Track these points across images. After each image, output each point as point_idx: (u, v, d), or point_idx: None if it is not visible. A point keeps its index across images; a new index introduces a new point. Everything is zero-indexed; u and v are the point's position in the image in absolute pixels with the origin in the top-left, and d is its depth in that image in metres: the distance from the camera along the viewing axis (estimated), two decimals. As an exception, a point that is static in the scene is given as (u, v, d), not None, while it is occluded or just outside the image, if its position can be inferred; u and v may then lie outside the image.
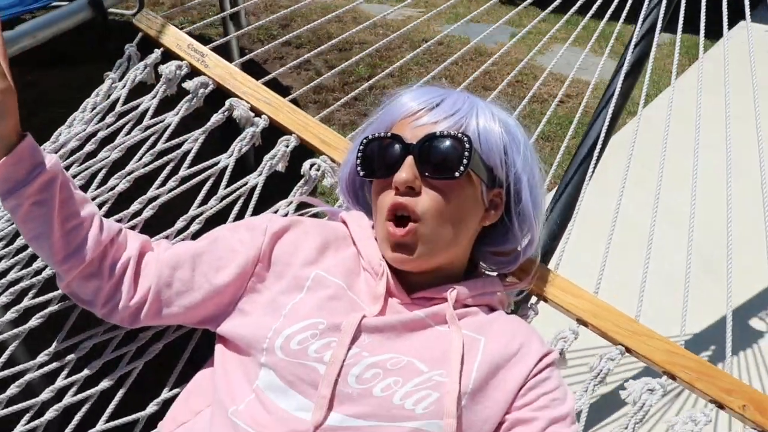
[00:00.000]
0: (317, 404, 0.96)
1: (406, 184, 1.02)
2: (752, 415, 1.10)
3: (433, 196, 1.03)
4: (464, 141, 1.04)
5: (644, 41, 1.65)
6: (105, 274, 1.08)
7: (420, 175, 1.03)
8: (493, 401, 1.01)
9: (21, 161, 1.01)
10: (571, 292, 1.24)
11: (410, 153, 1.04)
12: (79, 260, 1.06)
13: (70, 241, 1.06)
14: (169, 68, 1.47)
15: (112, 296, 1.09)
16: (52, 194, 1.04)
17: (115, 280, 1.09)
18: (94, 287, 1.09)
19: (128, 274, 1.09)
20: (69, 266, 1.07)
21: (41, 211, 1.03)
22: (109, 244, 1.10)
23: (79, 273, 1.07)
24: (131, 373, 1.19)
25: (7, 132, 1.00)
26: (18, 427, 1.11)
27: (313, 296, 1.04)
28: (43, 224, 1.04)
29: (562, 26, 1.84)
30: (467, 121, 1.07)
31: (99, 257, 1.08)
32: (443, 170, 1.03)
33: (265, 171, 1.39)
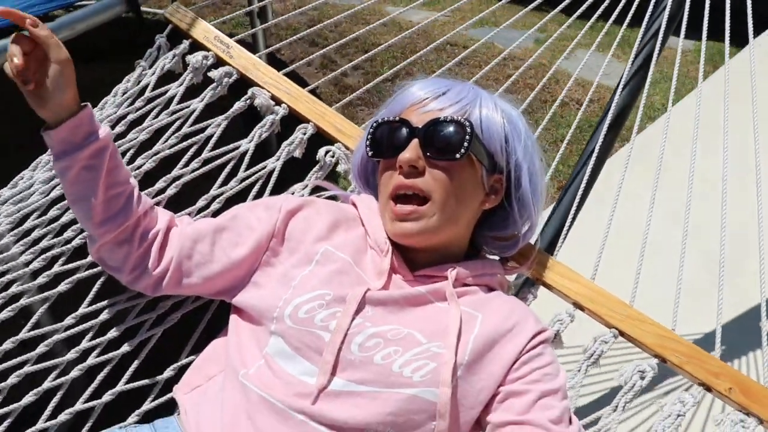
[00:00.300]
0: (321, 369, 1.03)
1: (410, 163, 1.09)
2: (737, 397, 1.15)
3: (436, 175, 1.10)
4: (466, 126, 1.10)
5: (648, 46, 1.70)
6: (135, 241, 1.17)
7: (423, 156, 1.10)
8: (487, 374, 1.07)
9: (80, 126, 1.11)
10: (568, 277, 1.29)
11: (416, 136, 1.11)
12: (116, 225, 1.15)
13: (111, 206, 1.14)
14: (196, 58, 1.55)
15: (138, 264, 1.17)
16: (101, 161, 1.13)
17: (144, 248, 1.17)
18: (124, 253, 1.17)
19: (156, 245, 1.17)
20: (105, 230, 1.15)
21: (89, 175, 1.12)
22: (143, 215, 1.18)
23: (113, 238, 1.16)
24: (150, 340, 1.27)
25: (68, 100, 1.10)
26: (45, 383, 1.19)
27: (321, 269, 1.11)
28: (89, 188, 1.13)
29: (584, 32, 1.88)
30: (471, 109, 1.14)
31: (133, 225, 1.16)
32: (445, 152, 1.10)
33: (283, 156, 1.47)
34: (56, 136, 1.10)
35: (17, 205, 1.34)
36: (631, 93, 1.67)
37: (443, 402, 1.02)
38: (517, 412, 1.04)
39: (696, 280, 2.01)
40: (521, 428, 1.02)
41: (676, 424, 1.15)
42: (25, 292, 1.24)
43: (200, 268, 1.18)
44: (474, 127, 1.11)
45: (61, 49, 1.08)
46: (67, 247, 1.29)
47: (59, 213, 1.33)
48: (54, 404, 1.20)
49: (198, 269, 1.18)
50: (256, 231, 1.17)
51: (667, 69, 4.14)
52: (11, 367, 1.19)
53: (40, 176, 1.39)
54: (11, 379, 1.17)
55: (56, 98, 1.08)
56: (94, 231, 1.17)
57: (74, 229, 1.30)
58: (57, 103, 1.09)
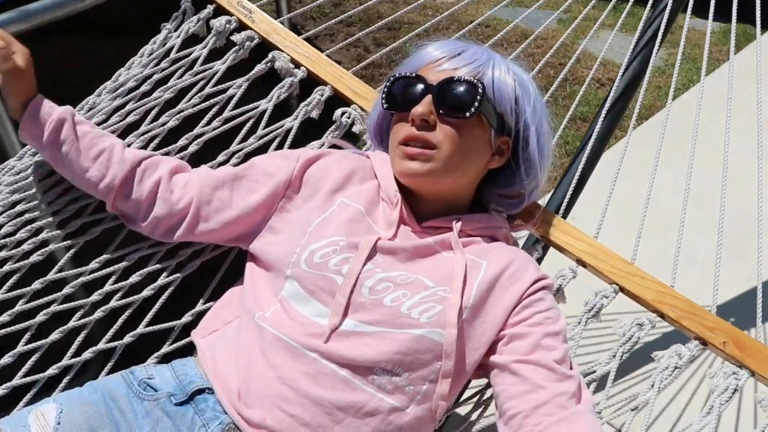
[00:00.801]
0: (334, 311, 1.08)
1: (422, 117, 1.14)
2: (731, 351, 1.19)
3: (446, 130, 1.15)
4: (478, 86, 1.15)
5: (655, 22, 1.73)
6: (140, 192, 1.24)
7: (436, 112, 1.15)
8: (490, 316, 1.12)
9: (34, 118, 1.23)
10: (572, 234, 1.34)
11: (430, 92, 1.16)
12: (112, 182, 1.23)
13: (100, 168, 1.24)
14: (220, 22, 1.61)
15: (149, 211, 1.24)
16: (67, 133, 1.23)
17: (149, 197, 1.24)
18: (134, 205, 1.25)
19: (161, 191, 1.24)
20: (106, 190, 1.24)
21: (65, 150, 1.23)
22: (136, 165, 1.25)
23: (117, 194, 1.24)
24: (170, 285, 1.33)
25: (16, 106, 1.24)
26: (71, 322, 1.25)
27: (336, 217, 1.17)
28: (72, 161, 1.24)
29: (605, 12, 1.90)
30: (484, 70, 1.19)
31: (129, 178, 1.24)
32: (456, 110, 1.15)
33: (300, 116, 1.52)
34: (24, 135, 1.26)
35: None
36: (640, 65, 1.71)
37: (449, 342, 1.07)
38: (521, 352, 1.09)
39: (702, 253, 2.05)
40: (525, 366, 1.07)
41: (674, 376, 1.19)
42: (52, 239, 1.31)
43: (218, 214, 1.24)
44: (486, 89, 1.16)
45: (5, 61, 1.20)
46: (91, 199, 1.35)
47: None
48: (78, 343, 1.26)
49: (216, 214, 1.24)
50: (273, 177, 1.23)
51: (690, 50, 4.13)
52: (39, 306, 1.25)
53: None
54: (39, 317, 1.24)
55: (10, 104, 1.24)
56: (98, 196, 1.27)
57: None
58: (11, 109, 1.25)
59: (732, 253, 2.13)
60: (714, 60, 4.03)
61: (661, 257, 1.40)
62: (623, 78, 1.70)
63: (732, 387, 1.17)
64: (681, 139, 2.30)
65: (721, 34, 4.31)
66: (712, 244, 1.37)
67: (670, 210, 1.51)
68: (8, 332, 1.22)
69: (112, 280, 1.30)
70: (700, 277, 1.70)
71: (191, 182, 1.25)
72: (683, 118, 2.18)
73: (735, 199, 1.56)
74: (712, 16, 1.78)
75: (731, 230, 1.57)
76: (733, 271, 2.10)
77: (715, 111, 1.73)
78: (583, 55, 4.00)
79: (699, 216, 2.00)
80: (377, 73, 3.80)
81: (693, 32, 4.27)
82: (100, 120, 1.44)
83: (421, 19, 4.58)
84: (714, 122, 1.76)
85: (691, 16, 1.79)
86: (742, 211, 1.80)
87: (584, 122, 3.50)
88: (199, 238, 1.27)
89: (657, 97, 3.75)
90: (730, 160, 1.49)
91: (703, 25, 1.77)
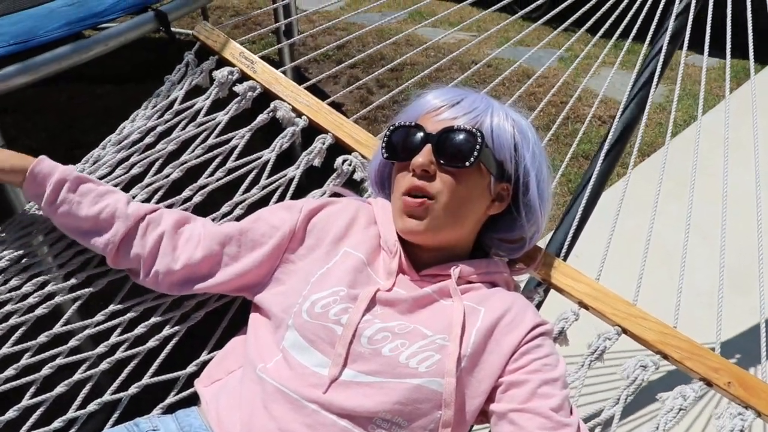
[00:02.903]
0: (333, 362, 1.09)
1: (422, 167, 1.16)
2: (736, 391, 1.19)
3: (446, 180, 1.17)
4: (477, 135, 1.17)
5: (652, 62, 1.76)
6: (142, 247, 1.26)
7: (436, 162, 1.17)
8: (488, 364, 1.12)
9: (35, 180, 1.27)
10: (573, 277, 1.34)
11: (429, 142, 1.18)
12: (113, 239, 1.26)
13: (101, 225, 1.27)
14: (222, 73, 1.64)
15: (151, 266, 1.26)
16: (66, 194, 1.27)
17: (152, 250, 1.26)
18: (136, 260, 1.27)
19: (164, 246, 1.26)
20: (108, 246, 1.27)
21: (65, 210, 1.27)
22: (139, 220, 1.27)
23: (118, 250, 1.27)
24: (174, 336, 1.34)
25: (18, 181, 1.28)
26: (76, 375, 1.26)
27: (339, 267, 1.18)
28: (74, 218, 1.27)
29: (605, 50, 1.93)
30: (482, 118, 1.21)
31: (132, 234, 1.27)
32: (456, 159, 1.16)
33: (303, 165, 1.54)
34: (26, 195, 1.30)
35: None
36: (637, 107, 1.73)
37: (448, 391, 1.07)
38: (518, 401, 1.08)
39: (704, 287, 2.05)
40: (522, 415, 1.07)
41: (678, 418, 1.19)
42: (58, 292, 1.32)
43: (225, 269, 1.25)
44: (485, 137, 1.18)
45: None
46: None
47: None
48: (84, 395, 1.27)
49: (222, 270, 1.25)
50: (278, 230, 1.25)
51: (690, 86, 4.17)
52: (45, 359, 1.26)
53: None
54: (45, 370, 1.25)
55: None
56: (101, 251, 1.29)
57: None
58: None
59: (735, 288, 2.13)
60: (714, 96, 4.06)
61: (665, 291, 1.40)
62: (621, 118, 1.72)
63: (738, 428, 1.16)
64: (682, 174, 2.31)
65: (720, 70, 4.35)
66: (715, 276, 1.37)
67: (673, 245, 1.52)
68: (14, 386, 1.23)
69: (118, 331, 1.32)
70: (703, 310, 1.70)
71: (194, 238, 1.27)
72: (684, 154, 2.19)
73: (736, 233, 1.56)
74: (707, 52, 1.81)
75: (733, 265, 1.58)
76: (736, 306, 2.10)
77: (715, 147, 1.75)
78: (585, 93, 4.04)
79: (701, 251, 2.00)
80: (380, 114, 3.85)
81: (693, 68, 4.32)
82: (104, 173, 1.46)
83: (423, 60, 4.64)
84: (715, 157, 1.77)
85: (691, 53, 1.82)
86: (744, 245, 1.81)
87: (586, 160, 3.52)
88: (205, 289, 1.28)
89: (659, 133, 3.78)
90: (731, 194, 1.50)
91: (703, 61, 1.78)
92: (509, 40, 2.06)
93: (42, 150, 1.34)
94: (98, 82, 4.14)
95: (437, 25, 5.14)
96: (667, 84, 4.17)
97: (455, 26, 2.27)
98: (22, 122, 4.03)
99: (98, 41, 1.76)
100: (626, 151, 1.83)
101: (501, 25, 2.14)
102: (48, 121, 4.03)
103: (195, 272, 1.26)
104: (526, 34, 2.11)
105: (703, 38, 1.82)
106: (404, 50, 4.62)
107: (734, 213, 1.50)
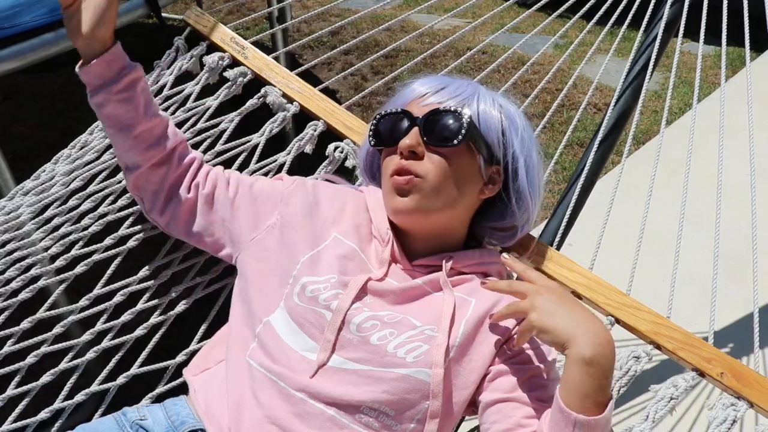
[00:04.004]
0: (322, 347, 1.08)
1: (410, 148, 1.14)
2: (729, 382, 1.17)
3: (435, 159, 1.15)
4: (464, 115, 1.15)
5: (647, 50, 1.74)
6: (174, 163, 1.27)
7: (423, 144, 1.15)
8: (478, 354, 1.11)
9: (113, 61, 1.20)
10: (566, 266, 1.33)
11: (416, 125, 1.16)
12: (159, 150, 1.25)
13: (153, 134, 1.25)
14: (213, 59, 1.62)
15: (175, 186, 1.27)
16: (135, 93, 1.22)
17: (181, 170, 1.28)
18: (162, 175, 1.26)
19: (192, 170, 1.29)
20: (150, 155, 1.25)
21: (126, 107, 1.22)
22: (180, 142, 1.29)
23: (155, 162, 1.25)
24: (163, 325, 1.33)
25: (104, 35, 1.19)
26: (62, 364, 1.25)
27: (329, 252, 1.17)
28: (129, 118, 1.22)
29: (600, 37, 1.92)
30: (469, 103, 1.19)
31: (171, 150, 1.27)
32: (443, 139, 1.15)
33: (293, 151, 1.52)
34: (92, 70, 1.19)
35: (39, 195, 1.41)
36: (632, 95, 1.71)
37: (436, 382, 1.06)
38: (504, 390, 1.07)
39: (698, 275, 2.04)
40: (507, 404, 1.06)
41: (669, 407, 1.17)
42: (43, 275, 1.31)
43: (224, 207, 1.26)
44: (471, 117, 1.16)
45: None
46: (84, 233, 1.35)
47: (78, 202, 1.40)
48: (71, 385, 1.25)
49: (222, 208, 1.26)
50: (273, 190, 1.26)
51: (686, 74, 4.15)
52: (29, 346, 1.25)
53: (62, 169, 1.46)
54: (29, 358, 1.23)
55: (95, 31, 1.17)
56: (138, 157, 1.25)
57: (91, 217, 1.37)
58: (94, 36, 1.17)
59: (729, 276, 2.13)
60: (710, 84, 4.05)
61: (658, 279, 1.39)
62: (616, 106, 1.70)
63: (731, 418, 1.15)
64: (677, 162, 2.30)
65: (716, 58, 4.33)
66: (709, 264, 1.36)
67: (667, 232, 1.51)
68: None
69: (104, 319, 1.30)
70: (697, 298, 1.68)
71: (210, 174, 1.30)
72: (680, 142, 2.18)
73: (730, 222, 1.55)
74: (702, 39, 1.79)
75: (728, 254, 1.57)
76: (730, 294, 2.09)
77: (710, 134, 1.74)
78: (580, 80, 4.02)
79: (696, 237, 1.99)
80: (374, 100, 3.82)
81: (689, 56, 4.30)
82: (92, 158, 1.44)
83: (418, 46, 4.61)
84: (709, 145, 1.75)
85: (686, 40, 1.80)
86: (739, 234, 1.80)
87: (581, 147, 3.50)
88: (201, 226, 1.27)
89: (654, 121, 3.76)
90: (726, 182, 1.49)
91: (699, 48, 1.77)
92: (504, 26, 2.03)
93: (35, 136, 1.31)
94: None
95: (432, 11, 5.10)
96: (662, 71, 4.15)
97: (450, 12, 2.24)
98: (15, 109, 4.00)
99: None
100: (621, 139, 1.82)
101: (496, 11, 2.12)
102: (41, 108, 4.01)
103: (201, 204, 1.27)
104: (521, 20, 2.09)
105: (699, 25, 1.80)
106: (399, 36, 4.59)
107: (729, 201, 1.49)
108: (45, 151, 1.67)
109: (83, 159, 1.44)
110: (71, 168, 1.44)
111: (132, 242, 1.36)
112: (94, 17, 1.16)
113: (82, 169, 1.44)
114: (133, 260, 1.39)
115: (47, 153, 1.58)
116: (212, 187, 1.27)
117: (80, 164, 1.45)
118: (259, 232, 1.24)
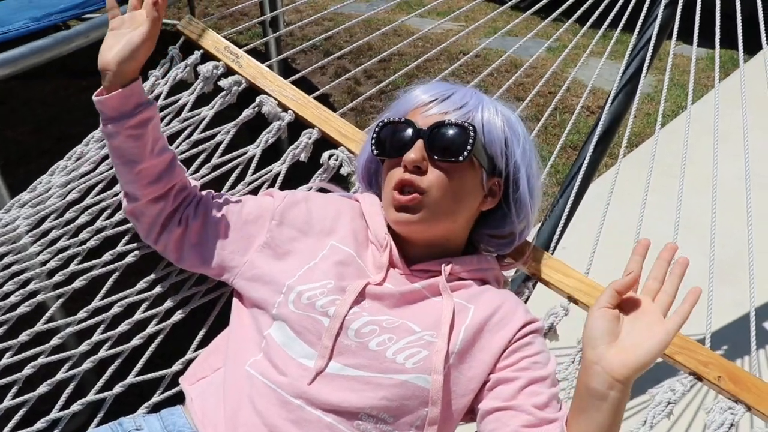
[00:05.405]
0: (320, 353, 1.08)
1: (415, 163, 1.14)
2: (726, 385, 1.18)
3: (438, 175, 1.15)
4: (469, 130, 1.15)
5: (641, 53, 1.75)
6: (170, 199, 1.26)
7: (428, 157, 1.15)
8: (478, 361, 1.11)
9: (131, 96, 1.20)
10: (562, 271, 1.33)
11: (421, 137, 1.16)
12: (160, 186, 1.24)
13: (155, 171, 1.24)
14: (207, 68, 1.62)
15: (168, 220, 1.26)
16: (146, 131, 1.21)
17: (176, 206, 1.27)
18: (158, 209, 1.26)
19: (187, 205, 1.28)
20: (150, 190, 1.24)
21: (134, 143, 1.21)
22: (180, 178, 1.28)
23: (153, 198, 1.25)
24: (159, 334, 1.32)
25: (130, 70, 1.19)
26: (58, 374, 1.25)
27: (326, 260, 1.17)
28: (135, 154, 1.22)
29: (594, 40, 1.92)
30: (473, 113, 1.19)
31: (171, 187, 1.26)
32: (449, 154, 1.15)
33: (288, 160, 1.53)
34: (109, 102, 1.19)
35: (35, 208, 1.40)
36: (626, 98, 1.72)
37: (435, 389, 1.06)
38: (504, 398, 1.07)
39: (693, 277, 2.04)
40: (506, 413, 1.06)
41: (667, 411, 1.18)
42: (41, 290, 1.31)
43: (215, 236, 1.26)
44: (477, 131, 1.16)
45: (156, 28, 1.18)
46: (82, 247, 1.35)
47: (75, 215, 1.39)
48: (67, 395, 1.25)
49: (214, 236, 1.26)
50: (263, 210, 1.25)
51: (679, 76, 4.16)
52: (26, 358, 1.25)
53: (58, 180, 1.46)
54: (26, 369, 1.23)
55: (121, 65, 1.17)
56: (140, 191, 1.25)
57: (89, 231, 1.37)
58: (120, 68, 1.17)
59: (724, 279, 2.12)
60: (702, 86, 4.06)
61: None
62: (610, 109, 1.71)
63: (728, 422, 1.16)
64: (670, 165, 2.31)
65: (709, 60, 4.34)
66: (704, 267, 1.36)
67: (661, 236, 1.51)
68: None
69: (101, 330, 1.30)
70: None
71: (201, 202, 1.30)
72: (673, 145, 2.19)
73: (725, 224, 1.55)
74: (696, 42, 1.80)
75: (723, 256, 1.57)
76: (726, 297, 2.09)
77: (703, 137, 1.74)
78: (573, 84, 4.03)
79: (690, 240, 2.00)
80: (368, 105, 3.83)
81: (682, 58, 4.31)
82: (88, 169, 1.44)
83: (411, 51, 4.61)
84: (704, 148, 1.76)
85: (680, 43, 1.81)
86: (733, 237, 1.80)
87: (575, 150, 3.51)
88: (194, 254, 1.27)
89: (647, 124, 3.77)
90: (720, 185, 1.49)
91: (692, 51, 1.78)
92: (498, 30, 2.04)
93: (27, 142, 1.31)
94: (84, 75, 4.12)
95: (425, 16, 5.11)
96: (655, 74, 4.16)
97: (444, 17, 2.25)
98: (8, 114, 4.00)
99: (79, 33, 1.74)
100: (615, 142, 1.82)
101: (489, 15, 2.12)
102: (34, 114, 4.01)
103: (191, 233, 1.26)
104: (515, 24, 2.09)
105: (692, 28, 1.81)
106: (392, 41, 4.60)
107: (723, 203, 1.49)
108: (37, 156, 1.68)
109: (79, 171, 1.44)
110: (67, 180, 1.44)
111: (130, 258, 1.37)
112: (125, 49, 1.17)
113: (78, 181, 1.44)
114: (131, 272, 1.39)
115: (39, 159, 1.57)
116: (203, 217, 1.27)
117: (76, 176, 1.45)
118: (250, 253, 1.23)
